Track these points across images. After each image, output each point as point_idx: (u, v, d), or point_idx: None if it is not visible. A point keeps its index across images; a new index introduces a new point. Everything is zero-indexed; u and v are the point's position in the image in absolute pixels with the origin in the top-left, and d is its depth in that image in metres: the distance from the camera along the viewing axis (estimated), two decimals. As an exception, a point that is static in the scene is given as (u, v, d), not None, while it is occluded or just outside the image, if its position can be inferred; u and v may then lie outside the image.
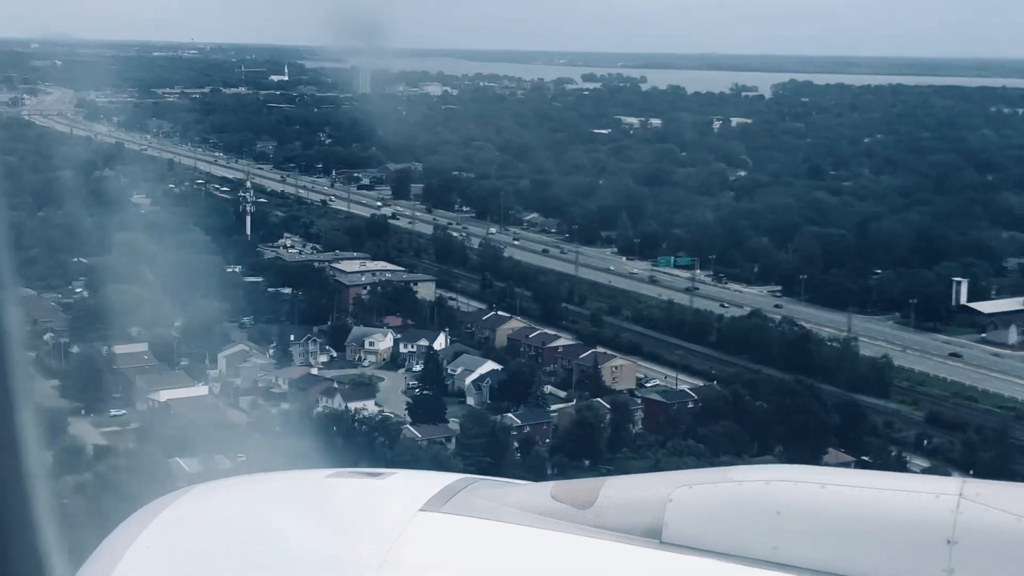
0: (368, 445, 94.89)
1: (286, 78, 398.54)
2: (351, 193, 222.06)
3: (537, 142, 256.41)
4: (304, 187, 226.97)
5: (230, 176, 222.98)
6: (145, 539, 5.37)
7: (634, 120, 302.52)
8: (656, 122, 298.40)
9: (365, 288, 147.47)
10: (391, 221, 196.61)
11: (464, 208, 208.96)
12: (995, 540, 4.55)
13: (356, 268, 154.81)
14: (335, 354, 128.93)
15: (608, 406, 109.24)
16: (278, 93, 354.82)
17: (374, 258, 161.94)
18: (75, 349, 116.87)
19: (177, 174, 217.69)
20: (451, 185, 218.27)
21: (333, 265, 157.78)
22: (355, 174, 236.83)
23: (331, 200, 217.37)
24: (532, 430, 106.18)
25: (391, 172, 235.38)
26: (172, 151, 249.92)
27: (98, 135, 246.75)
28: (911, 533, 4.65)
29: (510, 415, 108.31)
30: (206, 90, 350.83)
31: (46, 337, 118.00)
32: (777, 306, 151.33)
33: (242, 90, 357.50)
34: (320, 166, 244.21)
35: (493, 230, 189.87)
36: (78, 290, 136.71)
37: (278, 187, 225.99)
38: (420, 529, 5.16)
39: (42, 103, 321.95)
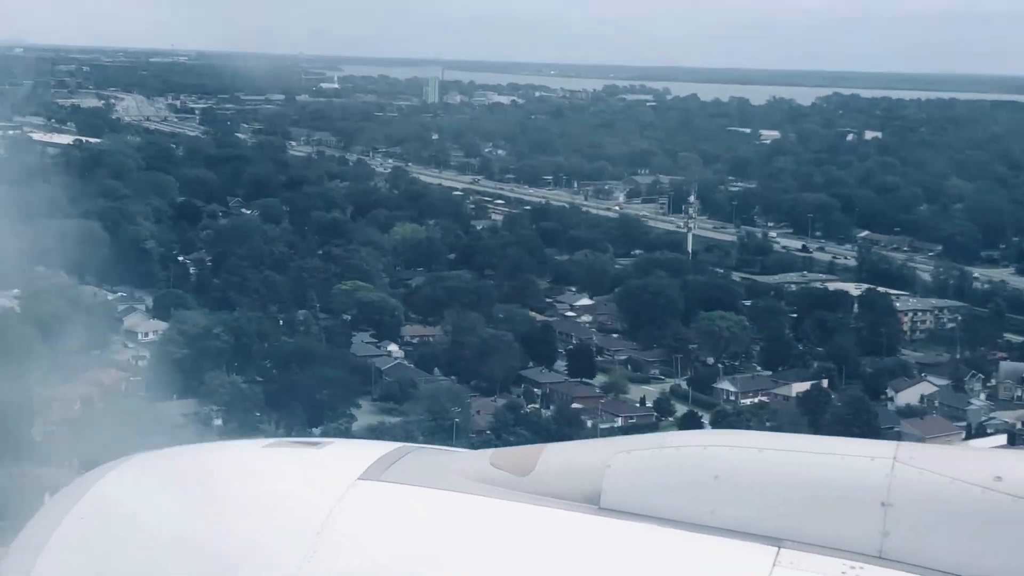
0: None
1: (337, 86, 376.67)
2: (622, 206, 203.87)
3: (734, 152, 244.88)
4: (540, 199, 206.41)
5: (459, 187, 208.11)
6: (80, 510, 5.30)
7: (774, 132, 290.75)
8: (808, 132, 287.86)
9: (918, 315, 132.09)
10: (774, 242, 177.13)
11: (771, 223, 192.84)
12: (929, 502, 4.57)
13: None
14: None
15: None
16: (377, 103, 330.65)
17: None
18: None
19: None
20: (747, 198, 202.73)
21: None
22: (605, 186, 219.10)
23: (609, 213, 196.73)
24: None
25: (638, 184, 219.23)
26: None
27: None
28: (847, 496, 4.65)
29: None
30: (305, 97, 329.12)
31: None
32: None
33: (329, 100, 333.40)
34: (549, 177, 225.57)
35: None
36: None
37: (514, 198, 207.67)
38: (358, 497, 5.07)
39: (128, 108, 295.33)
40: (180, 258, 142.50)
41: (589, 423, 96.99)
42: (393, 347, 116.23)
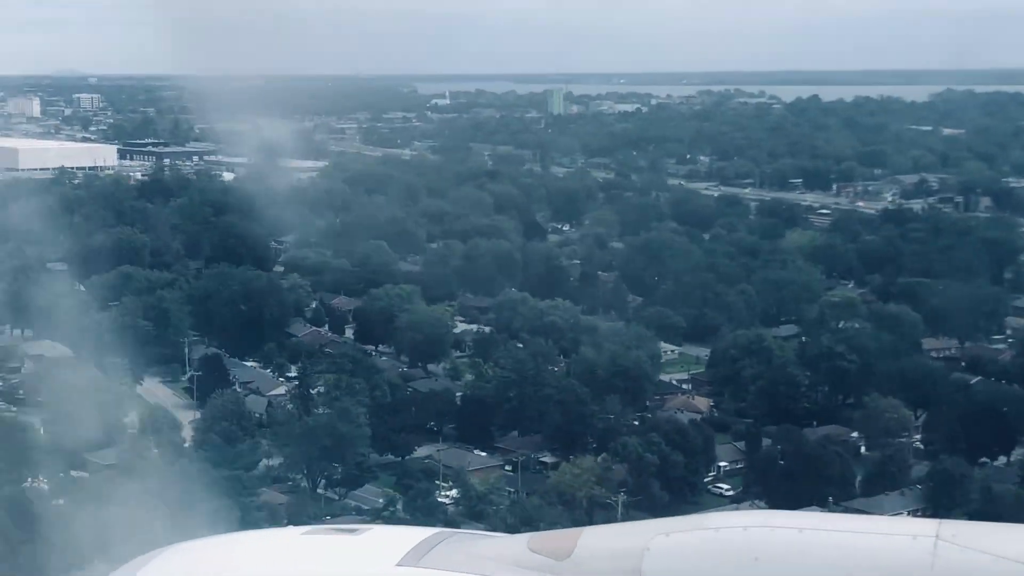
0: None
1: (448, 102, 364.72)
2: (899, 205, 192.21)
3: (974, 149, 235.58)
4: (811, 203, 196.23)
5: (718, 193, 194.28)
6: None
7: (958, 130, 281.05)
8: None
9: None
10: None
11: None
12: None
13: None
14: None
15: None
16: (497, 116, 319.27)
17: None
18: None
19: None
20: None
21: None
22: (868, 187, 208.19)
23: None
24: None
25: (903, 184, 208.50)
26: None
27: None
28: (890, 574, 4.58)
29: None
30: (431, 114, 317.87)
31: None
32: None
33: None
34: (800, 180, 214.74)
35: None
36: None
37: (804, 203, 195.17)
38: None
39: (319, 129, 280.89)
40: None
41: None
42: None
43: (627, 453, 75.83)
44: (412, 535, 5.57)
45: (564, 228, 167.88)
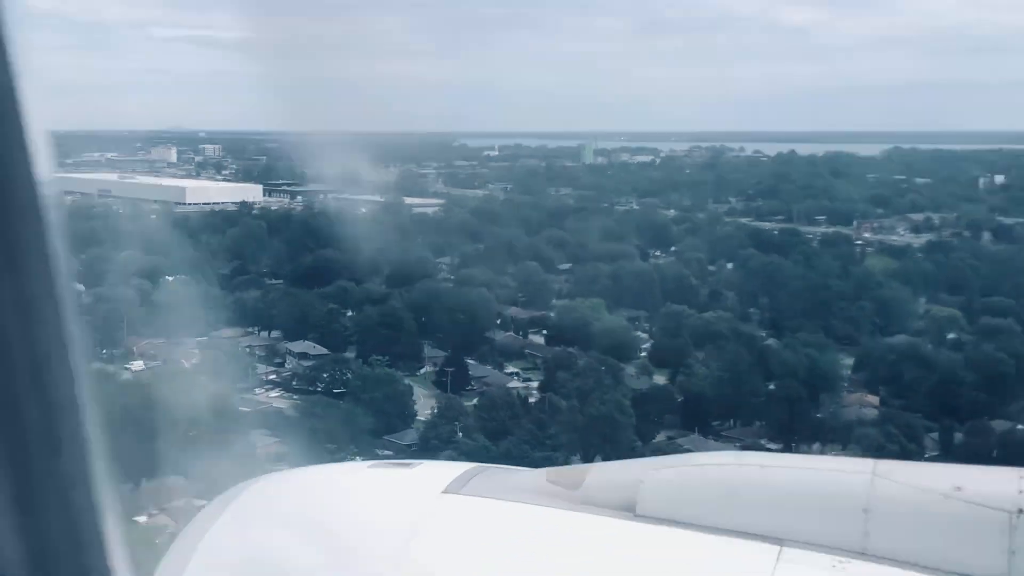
0: None
1: (497, 152, 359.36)
2: None
3: None
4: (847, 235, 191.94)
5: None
6: (223, 524, 5.42)
7: (923, 179, 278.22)
8: None
9: None
10: None
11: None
12: (903, 510, 4.69)
13: None
14: None
15: None
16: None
17: None
18: None
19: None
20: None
21: None
22: (883, 223, 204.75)
23: None
24: None
25: (914, 222, 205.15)
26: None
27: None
28: (834, 504, 4.79)
29: None
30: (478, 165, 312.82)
31: None
32: None
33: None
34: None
35: None
36: None
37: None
38: (442, 508, 5.31)
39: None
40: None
41: None
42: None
43: (868, 444, 71.90)
44: (455, 469, 5.67)
45: (658, 254, 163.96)
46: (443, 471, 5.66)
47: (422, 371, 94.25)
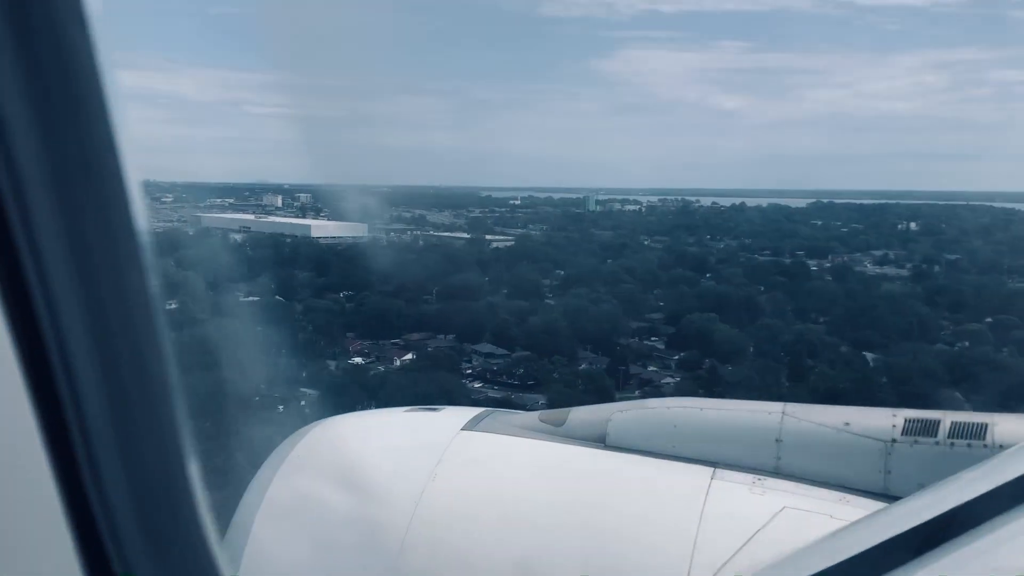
0: None
1: (519, 202, 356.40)
2: None
3: None
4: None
5: None
6: (288, 465, 5.42)
7: (856, 225, 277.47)
8: None
9: None
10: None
11: None
12: (805, 440, 4.96)
13: None
14: None
15: None
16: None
17: None
18: None
19: None
20: None
21: None
22: (848, 258, 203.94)
23: None
24: None
25: (875, 256, 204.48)
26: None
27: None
28: (754, 436, 5.04)
29: None
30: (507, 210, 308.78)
31: None
32: None
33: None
34: None
35: None
36: None
37: None
38: (461, 441, 5.52)
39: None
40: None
41: None
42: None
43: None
44: (471, 412, 5.80)
45: (707, 276, 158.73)
46: (462, 413, 5.86)
47: (582, 368, 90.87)
